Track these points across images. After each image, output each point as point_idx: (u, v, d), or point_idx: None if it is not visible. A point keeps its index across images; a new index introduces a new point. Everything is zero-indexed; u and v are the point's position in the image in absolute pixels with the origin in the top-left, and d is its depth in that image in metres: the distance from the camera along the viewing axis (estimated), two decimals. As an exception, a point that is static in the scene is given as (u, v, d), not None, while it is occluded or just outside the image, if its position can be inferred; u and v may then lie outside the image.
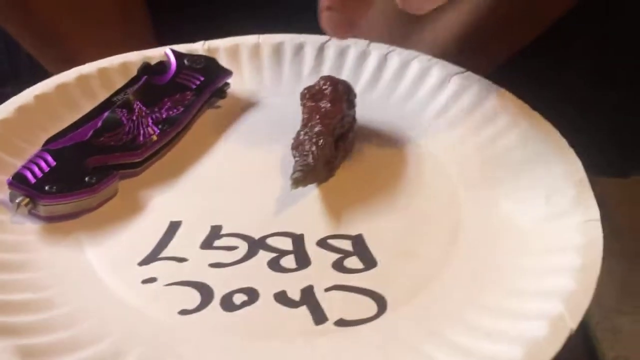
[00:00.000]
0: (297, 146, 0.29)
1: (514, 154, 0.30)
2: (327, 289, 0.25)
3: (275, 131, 0.31)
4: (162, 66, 0.33)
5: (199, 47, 0.35)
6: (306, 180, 0.28)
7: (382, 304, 0.24)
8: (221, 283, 0.25)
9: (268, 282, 0.25)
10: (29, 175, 0.27)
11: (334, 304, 0.24)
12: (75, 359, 0.22)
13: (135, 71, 0.32)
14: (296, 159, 0.29)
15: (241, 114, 0.33)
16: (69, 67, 0.33)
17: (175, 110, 0.31)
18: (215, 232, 0.27)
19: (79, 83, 0.32)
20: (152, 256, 0.26)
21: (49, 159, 0.28)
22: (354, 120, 0.31)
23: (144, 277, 0.25)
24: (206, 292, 0.25)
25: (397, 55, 0.34)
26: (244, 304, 0.24)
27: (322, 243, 0.26)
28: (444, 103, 0.33)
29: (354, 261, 0.26)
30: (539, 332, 0.23)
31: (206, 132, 0.32)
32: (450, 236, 0.27)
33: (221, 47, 0.35)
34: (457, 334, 0.23)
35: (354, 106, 0.31)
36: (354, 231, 0.27)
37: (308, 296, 0.25)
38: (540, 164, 0.29)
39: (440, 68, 0.33)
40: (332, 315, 0.24)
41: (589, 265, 0.24)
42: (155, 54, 0.34)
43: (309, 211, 0.28)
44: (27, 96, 0.31)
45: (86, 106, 0.31)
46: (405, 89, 0.34)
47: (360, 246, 0.26)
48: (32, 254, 0.26)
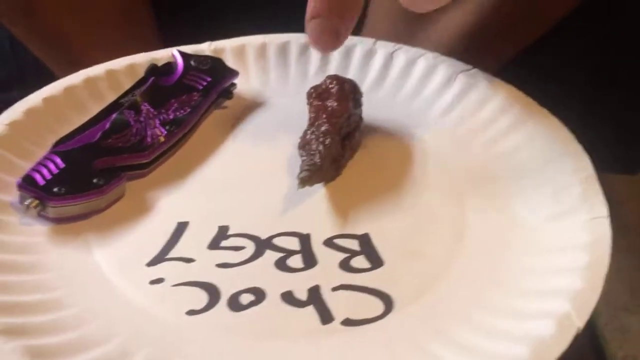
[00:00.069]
0: (303, 145, 0.29)
1: (521, 151, 0.30)
2: (333, 289, 0.25)
3: (282, 130, 0.31)
4: (169, 67, 0.33)
5: (205, 48, 0.35)
6: (313, 180, 0.28)
7: (389, 303, 0.24)
8: (228, 283, 0.25)
9: (275, 282, 0.25)
10: (37, 178, 0.27)
11: (340, 304, 0.24)
12: (84, 359, 0.22)
13: (142, 73, 0.32)
14: (303, 158, 0.29)
15: (248, 114, 0.33)
16: (75, 70, 0.33)
17: (182, 111, 0.31)
18: (223, 232, 0.27)
19: (86, 85, 0.33)
20: (159, 257, 0.26)
21: (58, 161, 0.28)
22: (361, 119, 0.31)
23: (151, 278, 0.25)
24: (213, 293, 0.25)
25: (404, 53, 0.34)
26: (251, 304, 0.24)
27: (329, 243, 0.26)
28: (450, 101, 0.33)
29: (360, 260, 0.26)
30: (545, 331, 0.22)
31: (213, 133, 0.32)
32: (457, 235, 0.27)
33: (227, 48, 0.35)
34: (463, 333, 0.23)
35: (360, 105, 0.31)
36: (360, 230, 0.27)
37: (315, 296, 0.25)
38: (547, 160, 0.29)
39: (446, 66, 0.33)
40: (339, 314, 0.24)
41: (596, 263, 0.24)
42: (162, 55, 0.34)
43: (315, 211, 0.28)
44: (35, 99, 0.31)
45: (94, 108, 0.31)
46: (412, 87, 0.33)
47: (366, 245, 0.26)
48: (41, 256, 0.26)
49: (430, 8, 0.26)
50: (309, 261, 0.26)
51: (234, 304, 0.24)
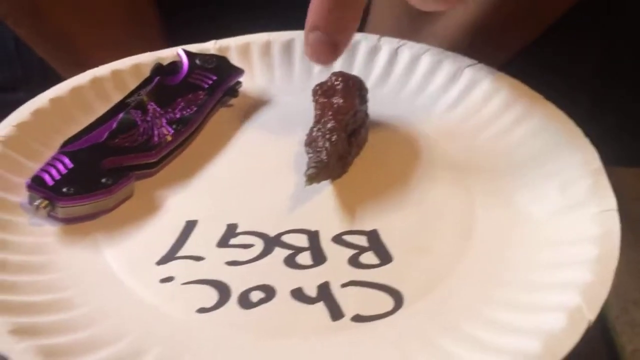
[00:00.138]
0: (310, 142, 0.29)
1: (528, 144, 0.30)
2: (343, 285, 0.25)
3: (288, 128, 0.31)
4: (174, 66, 0.33)
5: (210, 47, 0.35)
6: (320, 177, 0.28)
7: (399, 299, 0.24)
8: (238, 281, 0.25)
9: (284, 279, 0.25)
10: (46, 178, 0.27)
11: (350, 300, 0.24)
12: (95, 358, 0.23)
13: (148, 72, 0.32)
14: (309, 155, 0.29)
15: (253, 112, 0.33)
16: (80, 71, 0.33)
17: (188, 110, 0.31)
18: (231, 230, 0.27)
19: (93, 85, 0.33)
20: (169, 255, 0.26)
21: (66, 161, 0.28)
22: (366, 116, 0.31)
23: (161, 277, 0.25)
24: (223, 290, 0.25)
25: (408, 49, 0.34)
26: (261, 301, 0.24)
27: (338, 239, 0.27)
28: (456, 96, 0.33)
29: (369, 257, 0.26)
30: (556, 325, 0.22)
31: (219, 131, 0.32)
32: (465, 230, 0.27)
33: (232, 46, 0.35)
34: (474, 328, 0.23)
35: (366, 101, 0.31)
36: (368, 226, 0.27)
37: (324, 292, 0.25)
38: (555, 154, 0.29)
39: (452, 61, 0.33)
40: (349, 311, 0.24)
41: (606, 256, 0.24)
42: (167, 55, 0.34)
43: (323, 207, 0.28)
44: (42, 100, 0.31)
45: (100, 108, 0.31)
46: (417, 83, 0.33)
47: (375, 241, 0.26)
48: (50, 256, 0.26)
49: (441, 8, 0.26)
50: (318, 258, 0.26)
51: (244, 301, 0.24)
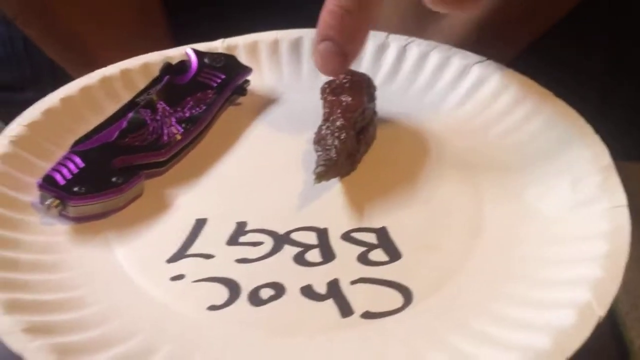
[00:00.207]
0: (319, 140, 0.29)
1: (538, 141, 0.30)
2: (352, 282, 0.25)
3: (297, 126, 0.31)
4: (183, 66, 0.33)
5: (218, 45, 0.35)
6: (329, 174, 0.28)
7: (408, 296, 0.24)
8: (248, 278, 0.25)
9: (294, 277, 0.25)
10: (58, 177, 0.27)
11: (359, 297, 0.24)
12: (107, 355, 0.23)
13: (157, 71, 0.33)
14: (318, 153, 0.29)
15: (262, 110, 0.33)
16: (89, 71, 0.33)
17: (197, 109, 0.31)
18: (241, 228, 0.27)
19: (102, 85, 0.33)
20: (179, 254, 0.26)
21: (77, 160, 0.28)
22: (375, 113, 0.31)
23: (172, 275, 0.26)
24: (234, 288, 0.25)
25: (417, 46, 0.34)
26: (271, 298, 0.25)
27: (347, 236, 0.27)
28: (464, 93, 0.32)
29: (378, 254, 0.26)
30: (566, 321, 0.22)
31: (228, 130, 0.32)
32: (475, 226, 0.27)
33: (240, 45, 0.35)
34: (484, 324, 0.23)
35: (374, 99, 0.31)
36: (377, 224, 0.27)
37: (334, 289, 0.25)
38: (565, 150, 0.29)
39: (460, 58, 0.33)
40: (358, 308, 0.24)
41: (616, 252, 0.24)
42: (175, 54, 0.34)
43: (332, 205, 0.28)
44: (52, 99, 0.32)
45: (110, 107, 0.31)
46: (425, 80, 0.33)
47: (384, 238, 0.26)
48: (62, 255, 0.26)
49: (453, 11, 0.26)
50: (327, 255, 0.26)
51: (255, 298, 0.25)
